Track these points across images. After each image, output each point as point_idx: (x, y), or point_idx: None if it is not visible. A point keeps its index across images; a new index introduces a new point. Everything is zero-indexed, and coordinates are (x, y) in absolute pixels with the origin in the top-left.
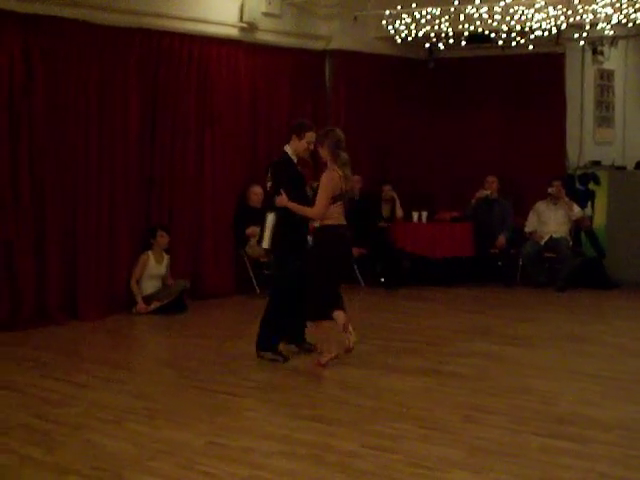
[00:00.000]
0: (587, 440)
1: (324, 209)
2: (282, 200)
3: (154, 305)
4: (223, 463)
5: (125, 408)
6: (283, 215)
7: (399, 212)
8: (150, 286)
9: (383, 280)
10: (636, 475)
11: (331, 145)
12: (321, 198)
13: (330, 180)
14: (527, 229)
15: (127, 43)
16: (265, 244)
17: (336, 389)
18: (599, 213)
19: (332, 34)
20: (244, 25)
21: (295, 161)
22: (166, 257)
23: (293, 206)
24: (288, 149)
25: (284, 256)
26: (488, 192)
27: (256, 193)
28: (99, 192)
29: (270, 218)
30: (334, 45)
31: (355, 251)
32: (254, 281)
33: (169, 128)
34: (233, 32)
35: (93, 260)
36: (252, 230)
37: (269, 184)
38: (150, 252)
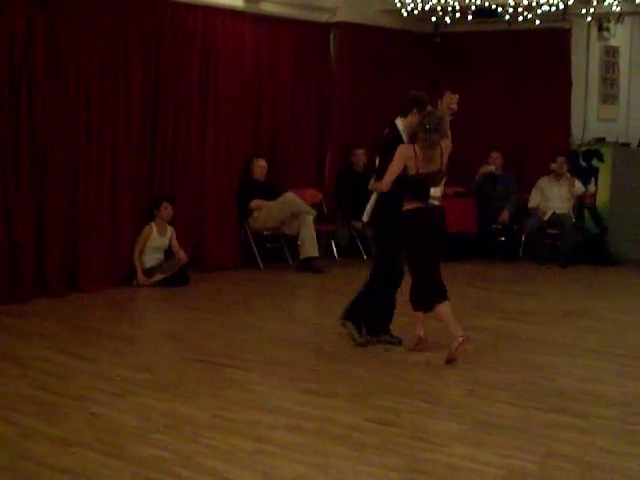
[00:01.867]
0: (589, 415)
1: (389, 180)
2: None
3: (157, 277)
4: (228, 436)
5: (129, 381)
6: (384, 195)
7: None
8: (153, 258)
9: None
10: (638, 450)
11: (418, 124)
12: (388, 171)
13: (401, 153)
14: (530, 204)
15: (130, 13)
16: (364, 217)
17: (341, 363)
18: (602, 190)
19: (337, 6)
20: None
21: (405, 137)
22: (170, 229)
23: (371, 185)
24: (400, 123)
25: (382, 236)
26: (492, 168)
27: (260, 166)
28: (101, 163)
29: (374, 194)
30: (339, 17)
31: (357, 225)
32: (257, 255)
33: (172, 99)
34: (238, 3)
35: (94, 231)
36: (256, 203)
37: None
38: (153, 224)
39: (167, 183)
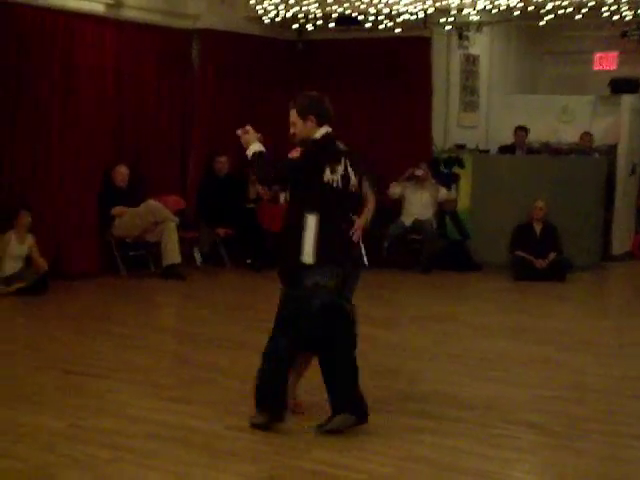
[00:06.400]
0: (449, 419)
1: None
2: None
3: (15, 286)
4: (85, 445)
5: None
6: None
7: None
8: (11, 267)
9: (249, 261)
10: (496, 452)
11: None
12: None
13: None
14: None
15: None
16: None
17: (202, 370)
18: (463, 196)
19: (200, 13)
20: (110, 1)
21: None
22: (29, 237)
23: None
24: None
25: None
26: None
27: (121, 173)
28: None
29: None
30: (202, 24)
31: (221, 231)
32: (119, 262)
33: (32, 105)
34: (99, 8)
35: None
36: (118, 210)
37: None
38: (12, 232)
39: (27, 190)
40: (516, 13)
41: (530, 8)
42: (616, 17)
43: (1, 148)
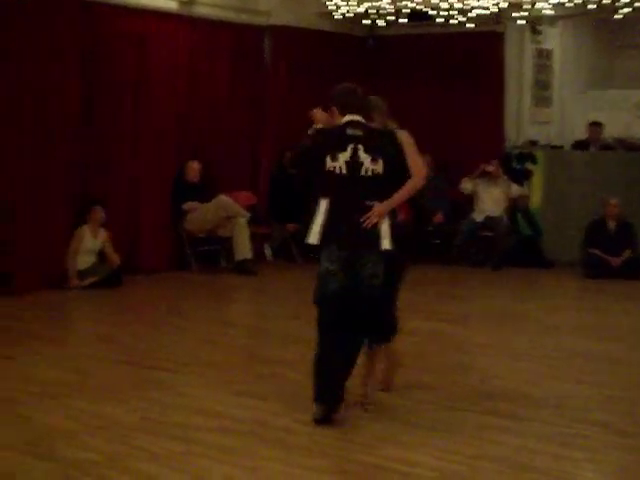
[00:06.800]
0: (520, 417)
1: None
2: None
3: (89, 280)
4: (158, 438)
5: (60, 383)
6: None
7: None
8: (85, 261)
9: (318, 257)
10: (567, 452)
11: None
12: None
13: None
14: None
15: (65, 15)
16: (386, 244)
17: (273, 365)
18: (535, 192)
19: (272, 9)
20: None
21: None
22: (103, 232)
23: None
24: None
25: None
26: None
27: (194, 168)
28: (34, 166)
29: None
30: (274, 21)
31: (291, 227)
32: (191, 257)
33: (106, 102)
34: (172, 6)
35: (28, 234)
36: (190, 205)
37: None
38: (86, 226)
39: (100, 186)
40: (591, 6)
41: (605, 1)
42: None
43: (76, 146)
